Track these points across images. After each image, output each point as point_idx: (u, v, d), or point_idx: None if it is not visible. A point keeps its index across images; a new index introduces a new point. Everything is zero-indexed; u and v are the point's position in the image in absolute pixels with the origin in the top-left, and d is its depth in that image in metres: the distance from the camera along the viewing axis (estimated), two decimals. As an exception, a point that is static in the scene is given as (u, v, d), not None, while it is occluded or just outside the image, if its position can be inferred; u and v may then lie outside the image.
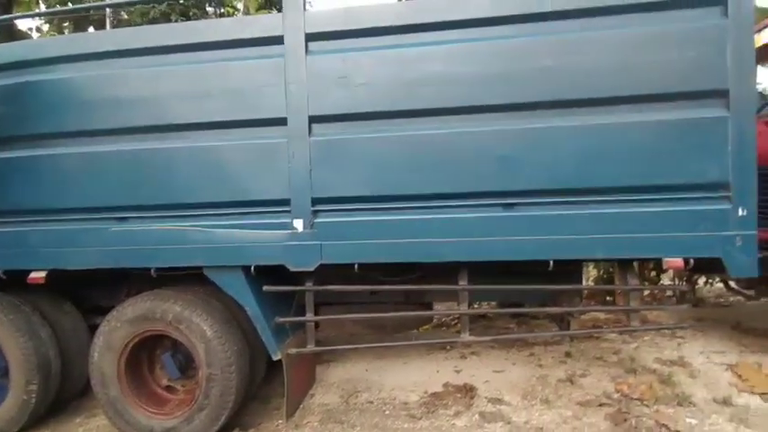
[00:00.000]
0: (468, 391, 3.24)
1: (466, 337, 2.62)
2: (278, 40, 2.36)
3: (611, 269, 5.13)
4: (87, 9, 4.17)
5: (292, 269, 2.45)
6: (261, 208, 2.46)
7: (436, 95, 2.30)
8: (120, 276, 3.00)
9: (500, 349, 4.01)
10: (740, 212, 2.15)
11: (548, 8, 2.21)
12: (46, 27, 6.69)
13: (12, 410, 2.81)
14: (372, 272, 2.61)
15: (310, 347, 2.66)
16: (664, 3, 2.14)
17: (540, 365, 3.59)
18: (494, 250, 2.33)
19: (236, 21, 2.58)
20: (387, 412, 3.02)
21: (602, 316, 4.36)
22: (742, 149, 2.13)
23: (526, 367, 3.58)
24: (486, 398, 3.14)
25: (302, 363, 2.91)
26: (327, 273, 2.58)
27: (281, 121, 2.39)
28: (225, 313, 2.67)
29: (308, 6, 2.43)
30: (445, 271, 2.63)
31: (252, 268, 2.49)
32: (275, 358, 2.57)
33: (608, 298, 4.55)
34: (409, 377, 3.52)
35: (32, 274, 2.63)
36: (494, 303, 4.54)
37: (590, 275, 5.76)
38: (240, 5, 7.08)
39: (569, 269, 2.69)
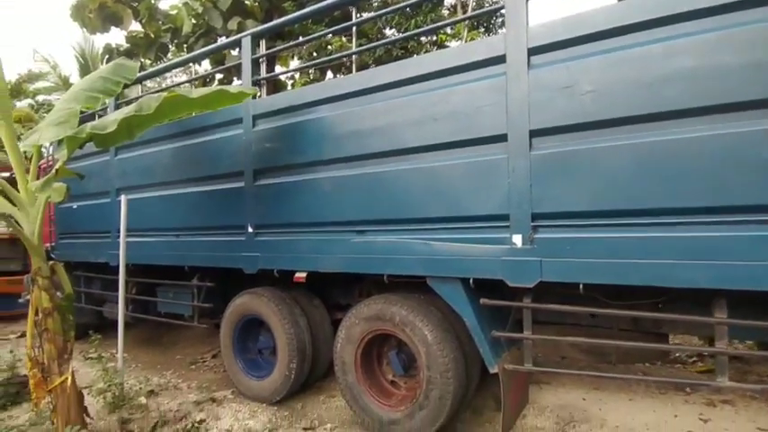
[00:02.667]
0: (721, 446, 2.68)
1: (725, 381, 2.15)
2: (500, 60, 2.43)
3: None
4: (330, 61, 5.17)
5: (510, 284, 2.45)
6: (480, 223, 2.54)
7: (679, 95, 2.01)
8: (355, 279, 3.51)
9: (764, 401, 3.19)
10: None
11: None
12: (297, 75, 8.43)
13: (277, 382, 3.54)
14: (600, 293, 2.41)
15: (528, 366, 2.60)
16: None
17: (837, 434, 2.71)
18: (762, 277, 1.88)
19: (459, 48, 2.74)
20: (612, 451, 2.73)
21: None
22: None
23: (813, 432, 2.75)
24: (748, 461, 2.54)
25: (517, 380, 2.86)
26: (542, 290, 2.49)
27: (501, 138, 2.44)
28: (443, 322, 2.83)
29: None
30: (690, 298, 2.25)
31: (471, 281, 2.60)
32: (492, 371, 2.60)
33: None
34: (637, 416, 3.11)
35: (297, 275, 3.30)
36: (750, 343, 3.66)
37: None
38: (449, 30, 7.55)
39: None
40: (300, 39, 6.87)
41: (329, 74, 7.45)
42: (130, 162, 4.50)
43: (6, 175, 4.51)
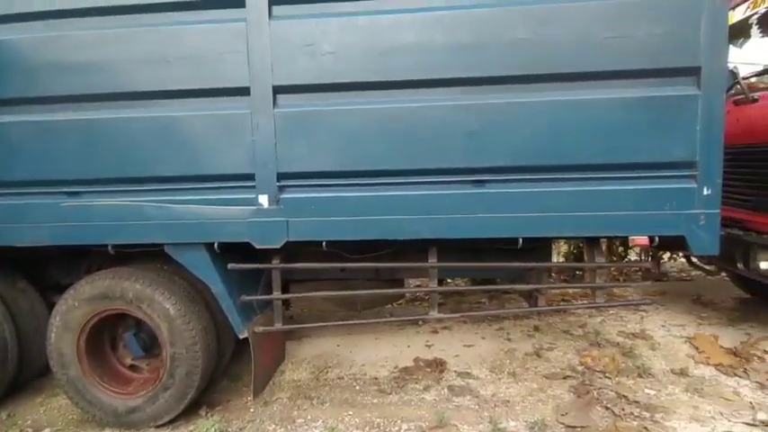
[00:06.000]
0: (438, 365, 3.29)
1: (435, 314, 2.61)
2: (239, 3, 2.21)
3: (581, 244, 5.23)
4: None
5: (257, 246, 2.37)
6: (225, 183, 2.35)
7: (406, 67, 2.21)
8: (80, 253, 2.87)
9: (471, 324, 4.07)
10: (705, 191, 2.17)
11: None
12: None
13: (-34, 392, 2.70)
14: (343, 248, 2.56)
15: (278, 326, 2.62)
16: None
17: (509, 339, 3.67)
18: (463, 228, 2.30)
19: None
20: (357, 387, 3.04)
21: (571, 291, 4.47)
22: (710, 128, 2.12)
23: (495, 341, 3.65)
24: (455, 372, 3.20)
25: (271, 340, 2.87)
26: (297, 249, 2.51)
27: (244, 91, 2.26)
28: (189, 291, 2.59)
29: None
30: (417, 247, 2.61)
31: (216, 245, 2.41)
32: (241, 337, 2.53)
33: (578, 273, 4.65)
34: (380, 352, 3.55)
35: (-24, 252, 2.49)
36: (466, 279, 4.63)
37: (561, 250, 5.88)
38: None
39: (539, 246, 2.70)
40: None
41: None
42: None
43: None
